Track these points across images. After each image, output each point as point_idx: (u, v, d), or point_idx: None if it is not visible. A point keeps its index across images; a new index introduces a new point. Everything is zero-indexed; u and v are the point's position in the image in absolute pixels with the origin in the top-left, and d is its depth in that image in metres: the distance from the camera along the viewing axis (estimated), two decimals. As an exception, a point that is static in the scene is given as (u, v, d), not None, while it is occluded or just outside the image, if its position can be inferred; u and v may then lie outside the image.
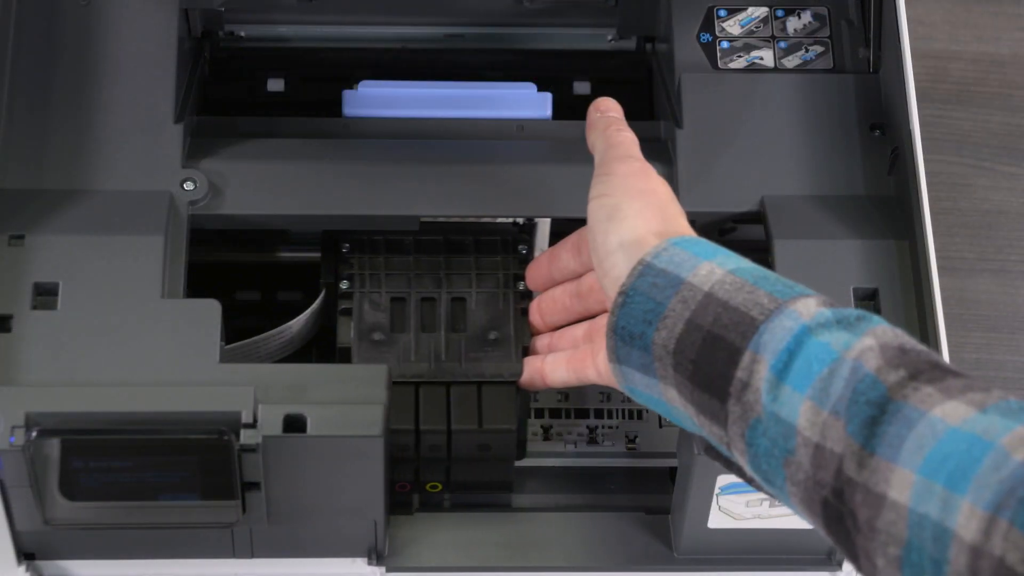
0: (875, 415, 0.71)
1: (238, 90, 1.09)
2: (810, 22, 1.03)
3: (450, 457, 0.92)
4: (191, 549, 0.94)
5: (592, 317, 0.93)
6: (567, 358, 0.91)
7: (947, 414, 0.70)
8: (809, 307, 0.76)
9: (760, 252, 0.95)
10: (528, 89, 1.04)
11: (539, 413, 1.00)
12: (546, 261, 0.95)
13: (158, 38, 0.99)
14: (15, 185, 0.94)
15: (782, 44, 1.02)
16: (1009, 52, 1.31)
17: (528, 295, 0.96)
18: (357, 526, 0.93)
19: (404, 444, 0.91)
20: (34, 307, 0.90)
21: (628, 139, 0.89)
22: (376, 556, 0.95)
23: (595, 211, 0.86)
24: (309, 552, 0.94)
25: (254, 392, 0.85)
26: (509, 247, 0.97)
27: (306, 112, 1.04)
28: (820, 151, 0.98)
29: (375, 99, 1.03)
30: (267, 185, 0.96)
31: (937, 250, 0.95)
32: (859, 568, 0.73)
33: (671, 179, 0.98)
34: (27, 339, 0.88)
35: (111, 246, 0.92)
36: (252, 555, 0.94)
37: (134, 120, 0.97)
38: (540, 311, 0.95)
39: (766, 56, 1.02)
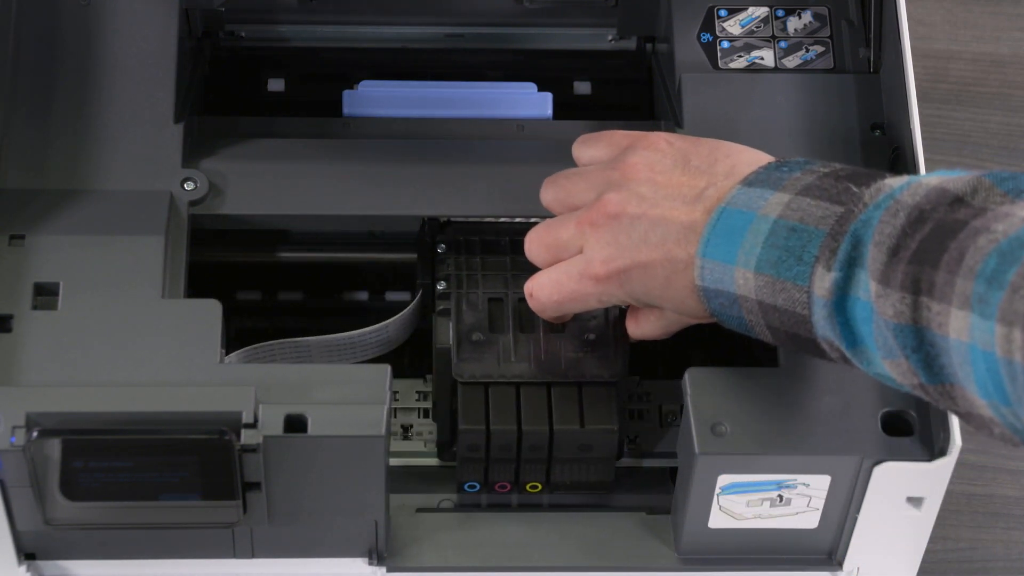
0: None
1: (238, 90, 1.09)
2: (810, 22, 1.03)
3: (551, 458, 0.92)
4: (191, 549, 0.93)
5: None
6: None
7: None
8: (822, 283, 0.79)
9: None
10: (528, 89, 1.04)
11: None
12: None
13: (158, 38, 0.99)
14: (15, 185, 0.94)
15: (782, 44, 1.02)
16: (1009, 52, 1.31)
17: None
18: (357, 526, 0.93)
19: (505, 444, 0.91)
20: (34, 307, 0.89)
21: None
22: (376, 556, 0.94)
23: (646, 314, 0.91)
24: (309, 552, 0.94)
25: (255, 392, 0.85)
26: None
27: (306, 112, 1.04)
28: (820, 151, 0.98)
29: (375, 99, 1.03)
30: (267, 185, 0.96)
31: (937, 250, 0.94)
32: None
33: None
34: (27, 339, 0.88)
35: (111, 246, 0.92)
36: (253, 555, 0.94)
37: (134, 120, 0.97)
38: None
39: (766, 56, 1.02)
